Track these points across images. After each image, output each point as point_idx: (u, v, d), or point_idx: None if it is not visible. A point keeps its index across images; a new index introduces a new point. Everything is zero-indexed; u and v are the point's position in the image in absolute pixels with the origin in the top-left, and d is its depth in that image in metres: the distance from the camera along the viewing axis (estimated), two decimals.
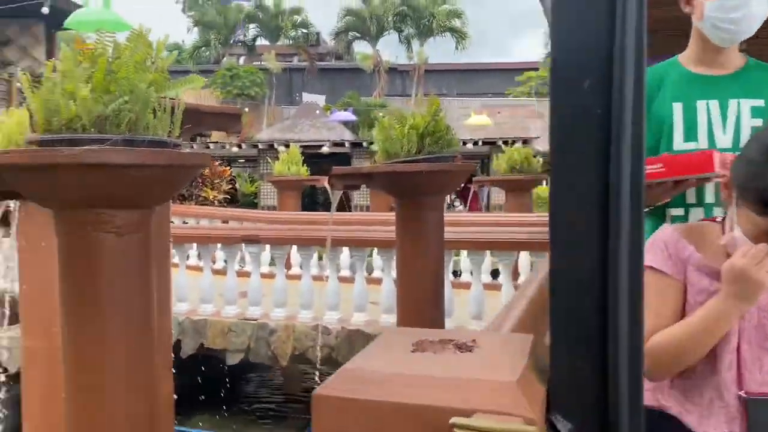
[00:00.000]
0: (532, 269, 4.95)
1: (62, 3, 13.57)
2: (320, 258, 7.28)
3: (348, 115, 15.74)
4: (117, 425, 2.17)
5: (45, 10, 10.09)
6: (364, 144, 15.16)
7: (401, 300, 3.74)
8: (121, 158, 1.94)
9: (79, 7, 14.20)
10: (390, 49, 28.95)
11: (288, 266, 8.05)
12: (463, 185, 8.45)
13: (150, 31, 2.30)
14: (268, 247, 6.02)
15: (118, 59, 2.12)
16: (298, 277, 6.82)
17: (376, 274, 6.86)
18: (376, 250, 6.16)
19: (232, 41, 26.53)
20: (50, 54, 19.91)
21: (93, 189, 2.00)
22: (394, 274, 5.25)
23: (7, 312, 5.78)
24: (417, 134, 3.64)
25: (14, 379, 5.56)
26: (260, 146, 15.45)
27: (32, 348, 4.75)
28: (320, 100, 26.54)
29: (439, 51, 27.83)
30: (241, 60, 29.51)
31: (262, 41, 27.71)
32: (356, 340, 5.11)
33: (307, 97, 28.78)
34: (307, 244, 5.38)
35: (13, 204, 3.59)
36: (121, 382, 2.18)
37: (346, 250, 5.95)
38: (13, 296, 6.58)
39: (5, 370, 5.70)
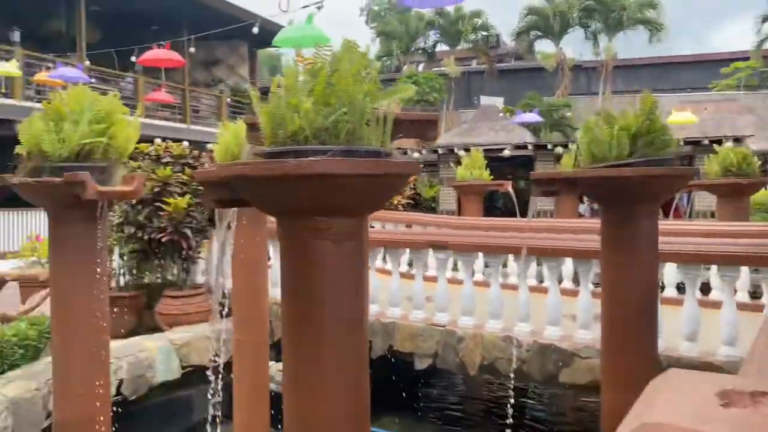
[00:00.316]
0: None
1: (264, 23, 14.80)
2: (487, 265, 7.09)
3: (533, 117, 15.24)
4: (334, 421, 2.22)
5: (255, 30, 11.10)
6: (549, 146, 14.57)
7: (607, 316, 3.44)
8: (343, 168, 1.97)
9: (279, 27, 15.49)
10: (574, 46, 27.73)
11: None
12: None
13: (356, 44, 2.33)
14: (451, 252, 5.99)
15: (336, 72, 2.17)
16: (483, 284, 6.74)
17: (566, 284, 6.53)
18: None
19: (412, 49, 27.16)
20: (252, 70, 22.00)
21: (314, 198, 2.06)
22: (591, 286, 4.95)
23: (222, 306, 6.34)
24: (628, 135, 3.33)
25: (226, 368, 6.10)
26: (440, 151, 15.59)
27: (242, 341, 5.18)
28: (499, 102, 26.15)
29: (629, 45, 25.95)
30: (420, 67, 30.13)
31: (441, 47, 28.04)
32: (549, 354, 4.86)
33: (485, 100, 28.55)
34: (496, 251, 5.23)
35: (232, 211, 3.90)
36: (338, 381, 2.23)
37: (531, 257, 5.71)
38: (223, 291, 7.30)
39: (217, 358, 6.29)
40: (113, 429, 3.93)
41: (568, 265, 6.34)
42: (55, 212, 3.56)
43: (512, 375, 4.94)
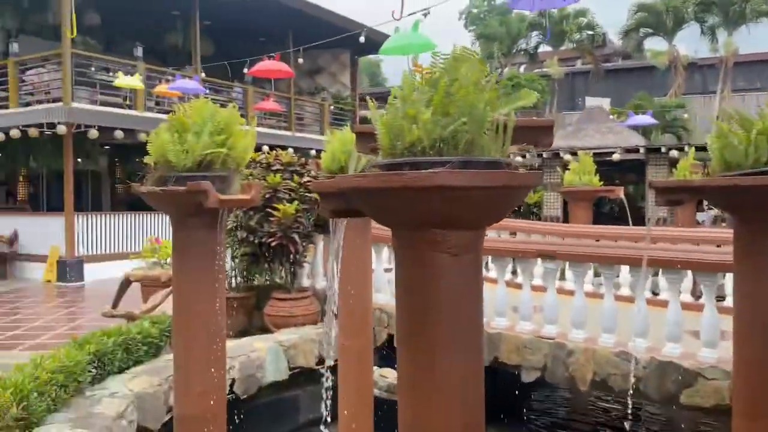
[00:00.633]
0: None
1: (367, 32, 15.02)
2: (596, 275, 6.74)
3: (647, 119, 14.42)
4: None
5: (362, 39, 11.32)
6: (662, 149, 13.75)
7: (741, 335, 3.16)
8: (463, 180, 1.92)
9: (381, 35, 15.69)
10: (687, 43, 26.08)
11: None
12: None
13: (474, 52, 2.27)
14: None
15: (455, 81, 2.13)
16: (592, 295, 6.46)
17: (683, 298, 6.12)
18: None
19: (514, 51, 26.66)
20: (354, 78, 22.43)
21: (432, 210, 2.03)
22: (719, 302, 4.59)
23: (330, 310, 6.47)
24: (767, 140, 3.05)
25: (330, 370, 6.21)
26: (544, 155, 15.14)
27: (347, 346, 5.25)
28: (605, 103, 25.06)
29: (751, 40, 24.05)
30: (522, 68, 29.52)
31: (543, 48, 27.34)
32: (669, 373, 4.55)
33: (590, 101, 27.46)
34: (611, 262, 4.97)
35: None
36: (453, 394, 2.18)
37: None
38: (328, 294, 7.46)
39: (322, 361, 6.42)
40: (227, 426, 4.09)
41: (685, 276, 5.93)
42: (179, 219, 3.76)
43: (630, 392, 4.69)
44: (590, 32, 25.65)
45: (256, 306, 7.47)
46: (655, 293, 7.11)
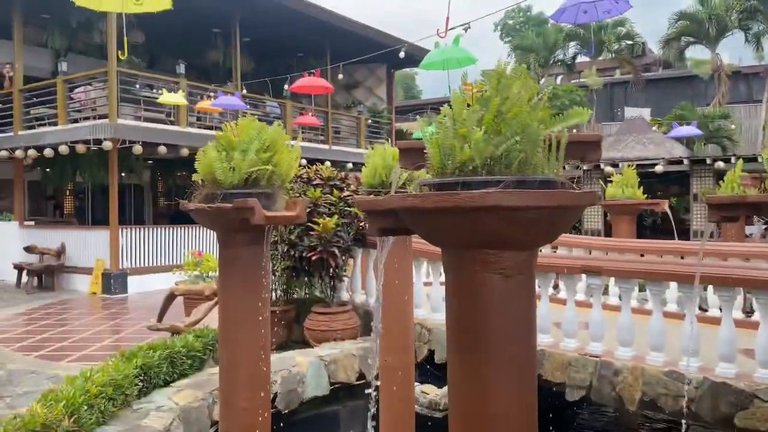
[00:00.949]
0: None
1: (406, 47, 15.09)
2: (640, 290, 6.56)
3: (692, 130, 14.06)
4: None
5: (401, 55, 11.38)
6: (708, 161, 13.39)
7: None
8: (517, 200, 1.89)
9: (418, 48, 15.74)
10: (731, 51, 25.46)
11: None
12: None
13: (525, 69, 2.25)
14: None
15: (507, 99, 2.11)
16: (639, 311, 6.30)
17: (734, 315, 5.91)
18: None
19: (551, 62, 26.43)
20: (390, 91, 22.54)
21: (485, 230, 2.01)
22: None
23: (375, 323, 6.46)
24: None
25: (368, 385, 6.19)
26: (584, 167, 14.91)
27: (389, 363, 5.22)
28: (645, 113, 24.61)
29: None
30: (559, 79, 29.22)
31: (581, 58, 27.03)
32: (723, 394, 4.40)
33: (629, 111, 26.98)
34: (660, 279, 4.84)
35: None
36: (506, 417, 2.14)
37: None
38: (367, 309, 7.46)
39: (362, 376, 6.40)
40: None
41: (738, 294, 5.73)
42: (226, 236, 3.81)
43: (677, 415, 4.55)
44: (629, 42, 25.25)
45: (296, 319, 7.52)
46: (702, 309, 6.90)
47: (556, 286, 7.20)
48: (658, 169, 13.70)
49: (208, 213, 3.63)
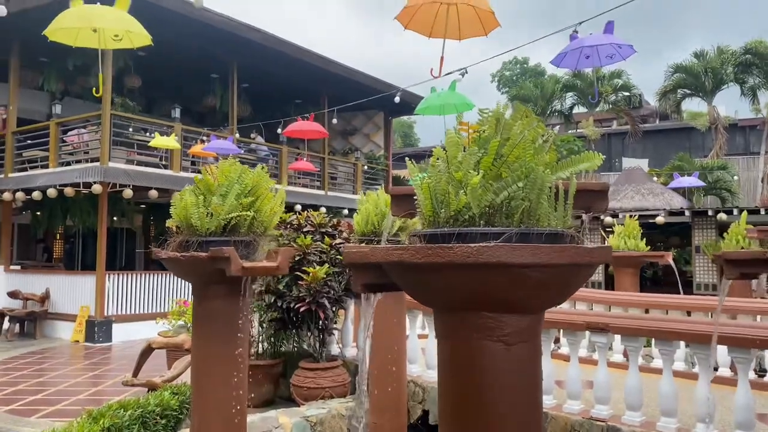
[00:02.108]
0: None
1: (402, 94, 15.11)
2: (647, 344, 6.22)
3: (693, 180, 13.92)
4: None
5: (397, 99, 11.31)
6: (710, 212, 13.18)
7: None
8: (523, 257, 1.60)
9: (414, 96, 15.73)
10: (727, 104, 25.69)
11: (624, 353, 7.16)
12: None
13: (529, 109, 2.01)
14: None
15: (508, 140, 1.85)
16: (648, 370, 5.93)
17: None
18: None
19: (548, 112, 26.57)
20: (387, 138, 22.55)
21: (483, 291, 1.71)
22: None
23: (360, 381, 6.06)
24: None
25: None
26: (583, 217, 14.63)
27: (380, 425, 4.84)
28: (643, 164, 24.59)
29: None
30: (557, 129, 29.35)
31: (578, 109, 27.20)
32: None
33: (627, 162, 27.01)
34: (672, 338, 4.50)
35: None
36: None
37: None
38: (358, 364, 7.06)
39: None
40: None
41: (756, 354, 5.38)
42: (200, 287, 3.50)
43: None
44: (626, 93, 25.45)
45: (283, 374, 7.11)
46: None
47: (556, 340, 6.84)
48: (659, 220, 13.46)
49: (180, 262, 3.33)
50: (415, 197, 2.55)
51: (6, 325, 12.45)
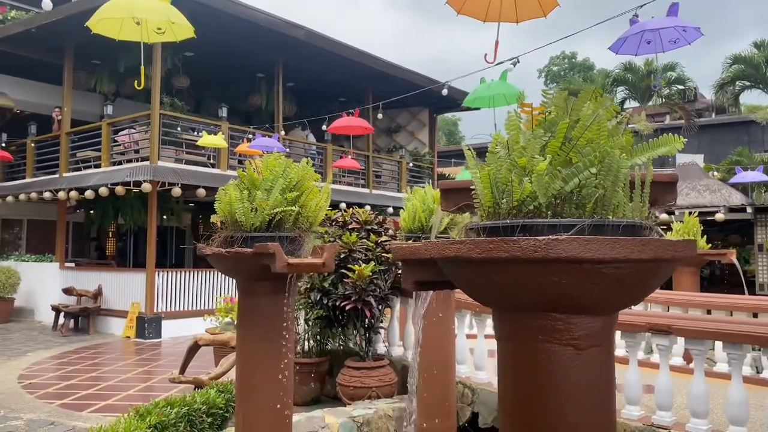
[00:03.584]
0: None
1: (442, 89, 14.91)
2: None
3: (759, 175, 13.13)
4: None
5: (444, 92, 11.12)
6: None
7: None
8: (600, 251, 1.42)
9: (460, 91, 15.47)
10: None
11: (687, 358, 6.80)
12: None
13: (599, 90, 1.82)
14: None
15: (578, 121, 1.67)
16: (719, 376, 5.61)
17: None
18: None
19: None
20: (432, 135, 22.32)
21: (552, 289, 1.54)
22: None
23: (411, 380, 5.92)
24: None
25: None
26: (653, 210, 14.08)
27: (428, 428, 4.68)
28: (698, 159, 23.62)
29: None
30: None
31: (630, 103, 26.38)
32: None
33: (681, 157, 26.00)
34: (739, 341, 4.20)
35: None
36: None
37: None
38: (405, 364, 6.92)
39: None
40: None
41: None
42: (245, 284, 3.41)
43: None
44: (680, 86, 24.53)
45: (329, 372, 7.02)
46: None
47: None
48: (719, 217, 12.86)
49: (225, 258, 3.25)
50: (467, 191, 2.39)
51: (61, 320, 12.79)
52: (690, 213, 9.11)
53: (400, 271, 6.78)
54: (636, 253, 1.45)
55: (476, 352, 6.07)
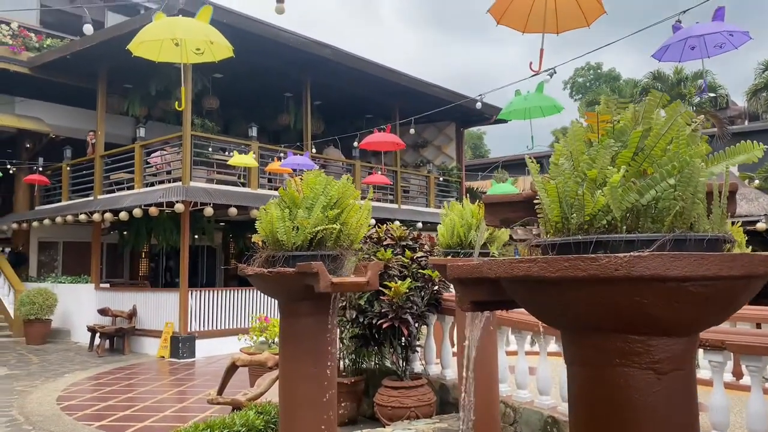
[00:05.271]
0: None
1: (468, 103, 14.86)
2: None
3: None
4: None
5: (478, 105, 11.07)
6: None
7: None
8: (686, 268, 1.32)
9: (489, 106, 15.36)
10: None
11: (737, 374, 6.53)
12: None
13: (667, 97, 1.73)
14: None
15: (651, 129, 1.57)
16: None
17: None
18: None
19: None
20: (459, 150, 22.22)
21: (630, 309, 1.44)
22: None
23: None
24: None
25: None
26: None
27: None
28: (732, 168, 23.12)
29: None
30: None
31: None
32: None
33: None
34: None
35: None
36: None
37: None
38: (443, 383, 6.78)
39: None
40: None
41: None
42: (287, 304, 3.35)
43: None
44: (712, 94, 24.08)
45: (366, 392, 6.92)
46: None
47: None
48: (760, 226, 12.50)
49: (267, 278, 3.20)
50: (511, 204, 2.33)
51: (97, 341, 12.92)
52: (733, 224, 8.81)
53: (436, 288, 6.67)
54: (726, 269, 1.34)
55: (518, 369, 5.91)
